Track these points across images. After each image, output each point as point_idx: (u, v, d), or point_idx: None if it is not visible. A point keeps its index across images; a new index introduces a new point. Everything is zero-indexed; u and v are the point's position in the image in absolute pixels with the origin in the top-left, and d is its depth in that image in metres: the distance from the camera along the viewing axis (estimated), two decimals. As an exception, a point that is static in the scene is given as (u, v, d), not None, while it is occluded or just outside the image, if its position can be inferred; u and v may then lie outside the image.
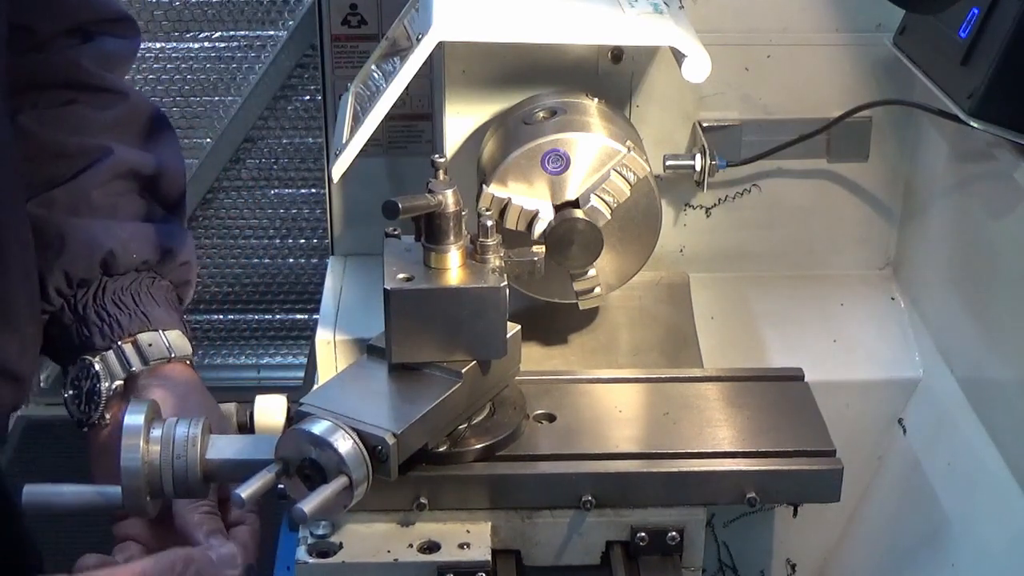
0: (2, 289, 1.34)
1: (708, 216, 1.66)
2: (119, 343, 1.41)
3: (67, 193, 1.46)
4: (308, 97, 2.95)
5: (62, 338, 1.44)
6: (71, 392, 1.41)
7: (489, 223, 1.22)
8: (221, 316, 3.13)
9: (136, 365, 1.40)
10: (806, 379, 1.40)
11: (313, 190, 3.03)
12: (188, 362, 1.44)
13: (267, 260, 3.11)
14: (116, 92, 1.53)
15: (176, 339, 1.43)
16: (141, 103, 1.56)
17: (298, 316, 3.18)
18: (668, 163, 1.56)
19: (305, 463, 1.13)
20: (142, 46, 1.80)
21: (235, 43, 2.91)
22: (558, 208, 1.39)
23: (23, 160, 1.43)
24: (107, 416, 1.38)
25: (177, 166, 1.56)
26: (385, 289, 1.19)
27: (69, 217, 1.45)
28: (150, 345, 1.41)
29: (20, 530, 1.50)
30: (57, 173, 1.47)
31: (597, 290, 1.44)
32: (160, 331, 1.42)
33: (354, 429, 1.13)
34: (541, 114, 1.44)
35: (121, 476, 1.20)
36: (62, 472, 1.28)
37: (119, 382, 1.39)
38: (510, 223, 1.39)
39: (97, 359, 1.40)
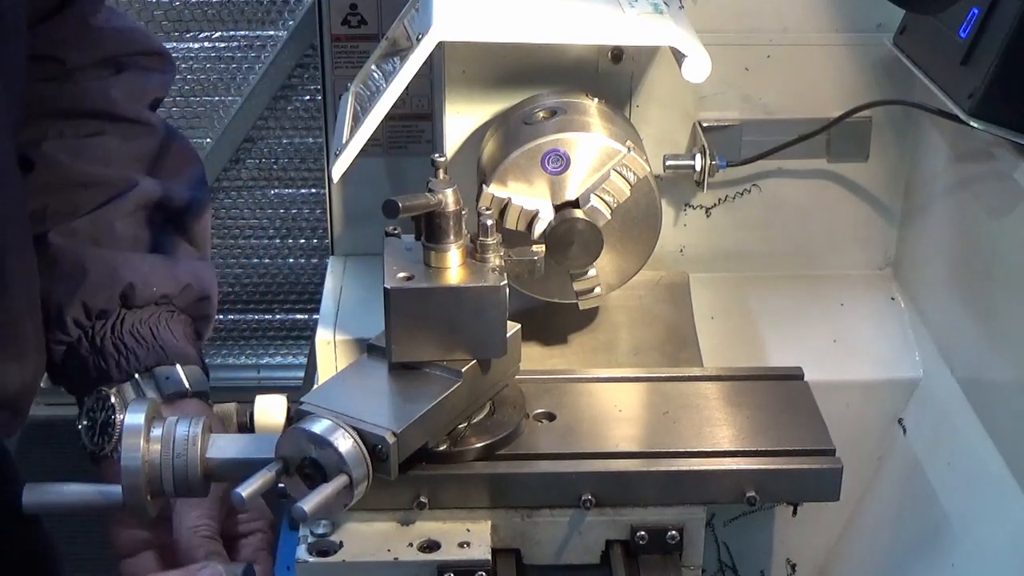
0: (7, 316, 1.33)
1: (708, 216, 1.65)
2: (136, 376, 1.40)
3: (90, 223, 1.45)
4: (308, 97, 2.95)
5: (79, 369, 1.43)
6: (85, 423, 1.40)
7: (489, 222, 1.22)
8: (221, 316, 3.13)
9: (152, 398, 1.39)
10: (806, 379, 1.40)
11: (313, 190, 3.03)
12: (204, 398, 1.44)
13: (267, 260, 3.11)
14: (145, 124, 1.52)
15: (193, 374, 1.42)
16: (169, 136, 1.55)
17: (298, 316, 3.18)
18: (668, 163, 1.56)
19: (305, 462, 1.13)
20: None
21: (235, 43, 2.91)
22: (558, 208, 1.39)
23: (47, 188, 1.42)
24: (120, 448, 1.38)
25: (202, 200, 1.55)
26: (385, 288, 1.19)
27: (91, 248, 1.44)
28: (167, 378, 1.41)
29: (37, 533, 1.50)
30: (81, 203, 1.45)
31: (597, 290, 1.44)
32: (177, 365, 1.42)
33: (354, 428, 1.13)
34: (541, 114, 1.44)
35: (121, 475, 1.20)
36: (62, 472, 1.28)
37: None
38: (510, 223, 1.39)
39: (113, 391, 1.39)
